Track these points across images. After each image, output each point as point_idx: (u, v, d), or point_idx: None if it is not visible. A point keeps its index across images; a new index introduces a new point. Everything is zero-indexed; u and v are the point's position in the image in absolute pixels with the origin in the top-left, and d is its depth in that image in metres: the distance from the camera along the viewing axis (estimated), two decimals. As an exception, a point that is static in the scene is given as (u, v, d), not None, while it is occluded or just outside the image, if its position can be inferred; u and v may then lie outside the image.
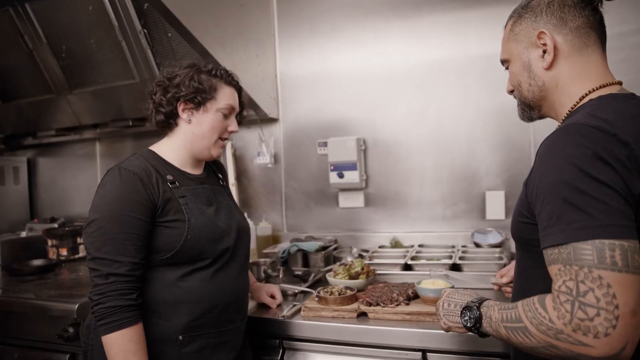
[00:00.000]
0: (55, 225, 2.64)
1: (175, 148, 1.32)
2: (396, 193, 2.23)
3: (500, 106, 2.02)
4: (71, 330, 1.63)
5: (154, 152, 1.31)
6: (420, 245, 2.11)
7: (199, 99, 1.27)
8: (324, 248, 2.08)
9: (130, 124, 2.44)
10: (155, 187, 1.21)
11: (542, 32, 0.94)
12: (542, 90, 0.98)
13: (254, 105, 2.21)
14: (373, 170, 2.26)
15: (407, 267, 1.83)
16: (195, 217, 1.24)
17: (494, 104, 2.06)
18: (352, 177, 2.19)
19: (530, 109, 1.03)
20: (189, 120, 1.29)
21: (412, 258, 1.88)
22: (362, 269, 1.66)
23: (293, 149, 2.40)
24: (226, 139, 1.36)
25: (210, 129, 1.30)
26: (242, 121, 1.47)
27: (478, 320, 0.92)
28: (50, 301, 1.74)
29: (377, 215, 2.26)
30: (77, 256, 2.48)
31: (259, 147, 2.39)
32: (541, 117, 1.05)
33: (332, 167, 2.21)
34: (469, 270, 1.75)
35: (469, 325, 0.95)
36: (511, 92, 1.07)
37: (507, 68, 1.06)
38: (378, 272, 1.77)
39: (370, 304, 1.45)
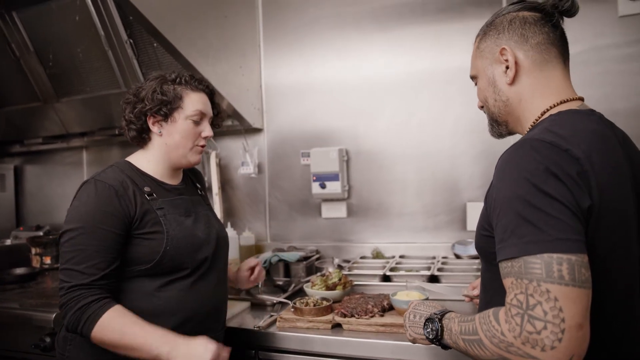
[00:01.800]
0: (40, 234, 2.64)
1: (152, 160, 1.32)
2: (379, 204, 2.24)
3: (482, 118, 1.99)
4: (48, 340, 1.62)
5: (130, 164, 1.31)
6: (401, 257, 2.11)
7: (165, 110, 1.27)
8: (305, 258, 2.08)
9: (117, 132, 2.44)
10: (131, 199, 1.21)
11: (503, 48, 0.96)
12: (506, 105, 1.00)
13: (238, 116, 2.23)
14: (356, 181, 2.28)
15: (386, 278, 1.84)
16: (173, 229, 1.24)
17: (476, 115, 2.07)
18: (334, 187, 2.20)
19: (498, 125, 1.06)
20: (160, 132, 1.30)
21: (392, 269, 1.89)
22: (340, 279, 1.67)
23: (277, 159, 2.42)
24: (202, 145, 1.35)
25: (182, 138, 1.30)
26: (220, 124, 1.46)
27: (440, 332, 0.93)
28: (27, 310, 1.73)
29: (360, 225, 2.27)
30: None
31: (243, 157, 2.41)
32: (510, 132, 1.06)
33: (314, 178, 2.22)
34: (447, 281, 1.76)
35: (430, 337, 0.96)
36: (481, 107, 1.09)
37: (476, 84, 1.09)
38: (357, 282, 1.78)
39: (345, 315, 1.45)
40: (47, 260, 2.45)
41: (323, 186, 2.21)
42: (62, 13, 2.09)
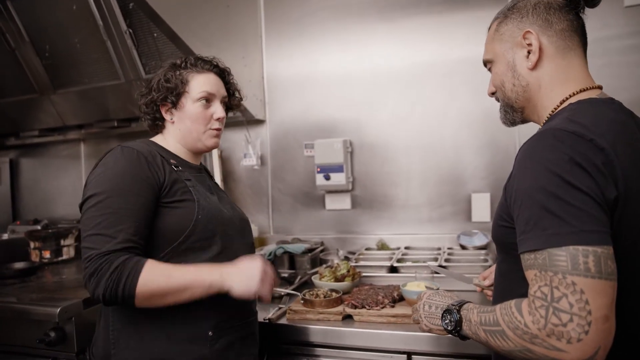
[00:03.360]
0: (38, 227, 2.60)
1: (171, 143, 1.31)
2: (383, 195, 2.23)
3: (486, 109, 2.04)
4: (52, 334, 1.59)
5: (154, 142, 1.29)
6: (406, 248, 2.11)
7: (172, 97, 1.26)
8: (310, 250, 2.07)
9: (116, 124, 2.42)
10: (160, 167, 1.17)
11: (528, 32, 0.95)
12: (525, 91, 0.98)
13: (240, 107, 2.20)
14: (360, 172, 2.27)
15: (393, 270, 1.84)
16: (204, 199, 1.21)
17: (480, 106, 2.07)
18: (338, 179, 2.19)
19: (513, 111, 1.03)
20: (172, 120, 1.29)
21: (398, 260, 1.89)
22: (348, 271, 1.66)
23: (280, 151, 2.40)
24: (217, 128, 1.30)
25: (192, 122, 1.27)
26: (238, 105, 1.41)
27: (458, 323, 0.93)
28: (31, 305, 1.70)
29: (364, 217, 2.27)
30: (60, 259, 2.44)
31: (246, 149, 2.38)
32: (523, 120, 1.05)
33: (318, 169, 2.21)
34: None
35: (449, 328, 0.95)
36: (492, 94, 1.07)
37: (489, 69, 1.07)
38: (364, 274, 1.77)
39: (355, 307, 1.45)
40: (47, 254, 2.41)
41: (327, 177, 2.19)
42: (58, 2, 2.04)
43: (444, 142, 2.15)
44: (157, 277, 1.05)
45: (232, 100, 1.38)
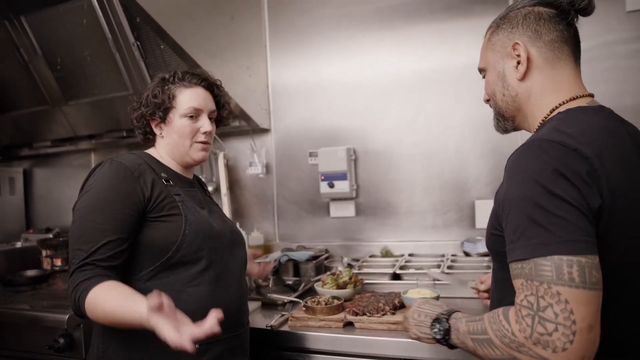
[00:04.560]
0: (50, 236, 2.66)
1: (164, 156, 1.33)
2: (387, 202, 2.24)
3: (489, 116, 2.00)
4: (62, 340, 1.63)
5: (148, 154, 1.32)
6: (410, 255, 2.11)
7: (160, 113, 1.28)
8: (314, 258, 2.09)
9: (125, 134, 2.47)
10: (147, 181, 1.19)
11: (516, 43, 0.95)
12: (515, 101, 0.99)
13: (246, 116, 2.24)
14: (364, 180, 2.28)
15: (395, 277, 1.84)
16: (192, 214, 1.22)
17: (483, 113, 2.07)
18: (342, 186, 2.20)
19: (504, 120, 1.05)
20: (161, 134, 1.31)
21: (401, 267, 1.89)
22: (350, 278, 1.67)
23: (284, 159, 2.42)
24: (203, 141, 1.32)
25: (179, 136, 1.29)
26: (227, 117, 1.43)
27: (447, 332, 0.93)
28: (41, 312, 1.75)
29: (368, 224, 2.28)
30: (71, 266, 2.49)
31: (251, 157, 2.42)
32: (515, 128, 1.06)
33: (322, 177, 2.23)
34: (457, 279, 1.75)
35: (438, 337, 0.96)
36: (487, 101, 1.08)
37: (484, 77, 1.08)
38: (367, 281, 1.78)
39: (356, 314, 1.46)
40: (58, 262, 2.47)
41: (331, 185, 2.21)
42: (69, 17, 2.11)
43: (447, 149, 2.15)
44: (98, 303, 1.05)
45: (221, 112, 1.39)
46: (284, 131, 2.42)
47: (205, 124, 1.31)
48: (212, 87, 1.36)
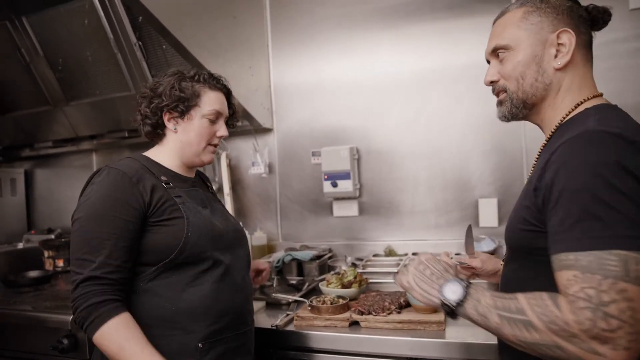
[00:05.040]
0: (52, 237, 2.66)
1: (167, 155, 1.31)
2: (390, 202, 2.24)
3: (492, 114, 2.00)
4: (65, 341, 1.63)
5: (146, 156, 1.30)
6: (414, 254, 2.11)
7: (182, 107, 1.26)
8: (318, 257, 2.09)
9: (127, 135, 2.47)
10: (147, 187, 1.18)
11: (566, 31, 0.93)
12: (545, 89, 0.96)
13: (248, 116, 2.23)
14: (367, 179, 2.28)
15: (400, 276, 1.84)
16: (193, 215, 1.22)
17: (485, 112, 2.08)
18: (345, 186, 2.20)
19: (523, 107, 0.98)
20: (175, 129, 1.29)
21: (405, 266, 1.88)
22: (355, 277, 1.67)
23: (287, 159, 2.42)
24: (216, 144, 1.34)
25: (196, 136, 1.28)
26: (234, 125, 1.45)
27: (463, 297, 0.87)
28: (45, 312, 1.75)
29: (372, 223, 2.28)
30: (73, 267, 2.48)
31: (254, 157, 2.41)
32: (525, 117, 1.01)
33: (325, 177, 2.23)
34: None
35: (451, 297, 0.88)
36: (493, 82, 1.02)
37: (496, 56, 1.01)
38: (371, 280, 1.78)
39: (362, 313, 1.46)
40: (60, 263, 2.47)
41: (334, 185, 2.21)
42: (71, 17, 2.10)
43: (450, 148, 2.15)
44: (112, 340, 1.07)
45: (231, 120, 1.41)
46: (286, 131, 2.42)
47: (222, 129, 1.32)
48: (229, 94, 1.38)
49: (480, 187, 2.11)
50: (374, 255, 2.16)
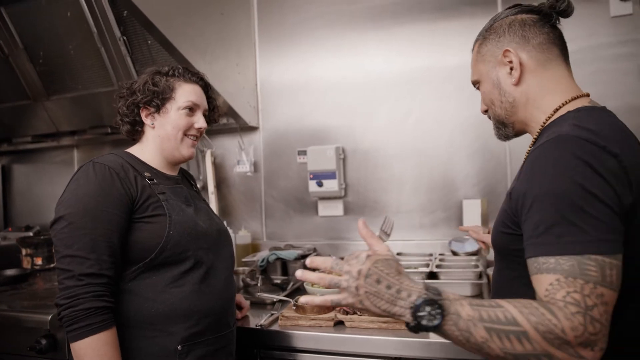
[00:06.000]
0: (30, 234, 2.59)
1: (148, 152, 1.30)
2: (375, 201, 2.25)
3: (478, 115, 2.01)
4: (44, 342, 1.58)
5: (129, 153, 1.29)
6: (398, 254, 2.12)
7: (157, 101, 1.26)
8: (303, 256, 2.08)
9: (109, 131, 2.42)
10: (132, 181, 1.16)
11: (507, 50, 0.98)
12: (513, 106, 1.00)
13: (234, 114, 2.22)
14: (352, 179, 2.28)
15: (385, 276, 1.84)
16: (176, 213, 1.20)
17: (472, 113, 2.10)
18: (331, 185, 2.20)
19: (505, 127, 1.06)
20: (152, 125, 1.28)
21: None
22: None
23: (273, 158, 2.41)
24: (194, 136, 1.32)
25: (173, 129, 1.27)
26: (217, 120, 1.44)
27: (442, 319, 0.75)
28: (22, 312, 1.70)
29: (357, 223, 2.27)
30: (52, 265, 2.43)
31: (239, 156, 2.39)
32: (516, 134, 1.07)
33: (311, 176, 2.22)
34: (446, 277, 1.77)
35: (425, 323, 0.75)
36: (485, 111, 1.10)
37: (478, 89, 1.10)
38: (356, 280, 1.78)
39: (347, 313, 1.46)
40: (38, 261, 2.41)
41: (320, 184, 2.20)
42: (52, 9, 2.05)
43: (436, 149, 2.17)
44: (93, 354, 1.04)
45: (211, 114, 1.40)
46: (272, 129, 2.41)
47: (200, 120, 1.31)
48: (207, 88, 1.37)
49: (464, 188, 2.13)
50: (359, 255, 2.16)
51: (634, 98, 1.89)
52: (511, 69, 0.98)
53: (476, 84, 1.09)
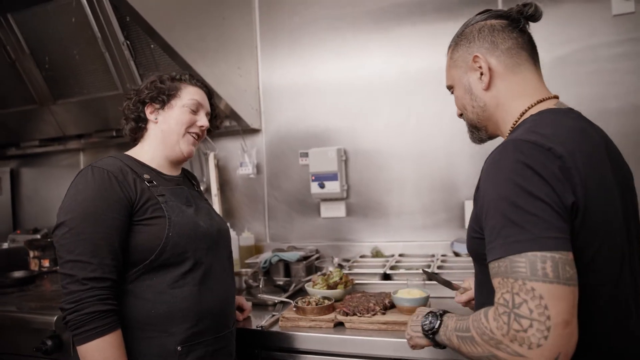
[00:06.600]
0: (38, 237, 2.63)
1: (149, 150, 1.32)
2: (377, 203, 2.25)
3: None
4: (49, 342, 1.61)
5: (129, 155, 1.30)
6: (400, 255, 2.13)
7: (162, 97, 1.31)
8: (305, 258, 2.09)
9: (114, 134, 2.46)
10: (131, 184, 1.18)
11: (476, 56, 1.00)
12: (484, 110, 1.03)
13: (236, 117, 2.23)
14: (354, 180, 2.29)
15: (386, 277, 1.85)
16: (176, 215, 1.21)
17: (472, 115, 2.09)
18: (333, 187, 2.21)
19: (478, 130, 1.09)
20: (156, 119, 1.32)
21: (392, 267, 1.90)
22: (341, 278, 1.68)
23: (275, 160, 2.43)
24: (196, 134, 1.35)
25: (176, 123, 1.31)
26: (218, 127, 1.50)
27: (438, 326, 0.97)
28: (29, 313, 1.73)
29: (359, 225, 2.29)
30: (58, 268, 2.46)
31: (242, 158, 2.41)
32: (490, 137, 1.10)
33: (313, 178, 2.23)
34: (448, 278, 1.76)
35: (427, 328, 0.99)
36: (460, 115, 1.12)
37: (452, 93, 1.12)
38: (357, 281, 1.79)
39: (347, 314, 1.46)
40: (46, 263, 2.45)
41: (322, 186, 2.21)
42: (58, 15, 2.09)
43: (437, 150, 2.17)
44: (99, 357, 1.06)
45: (213, 122, 1.44)
46: (274, 131, 2.42)
47: (202, 119, 1.35)
48: (211, 95, 1.43)
49: (466, 188, 2.13)
50: (361, 257, 2.17)
51: (636, 98, 1.88)
52: (481, 74, 1.00)
53: (450, 88, 1.12)
